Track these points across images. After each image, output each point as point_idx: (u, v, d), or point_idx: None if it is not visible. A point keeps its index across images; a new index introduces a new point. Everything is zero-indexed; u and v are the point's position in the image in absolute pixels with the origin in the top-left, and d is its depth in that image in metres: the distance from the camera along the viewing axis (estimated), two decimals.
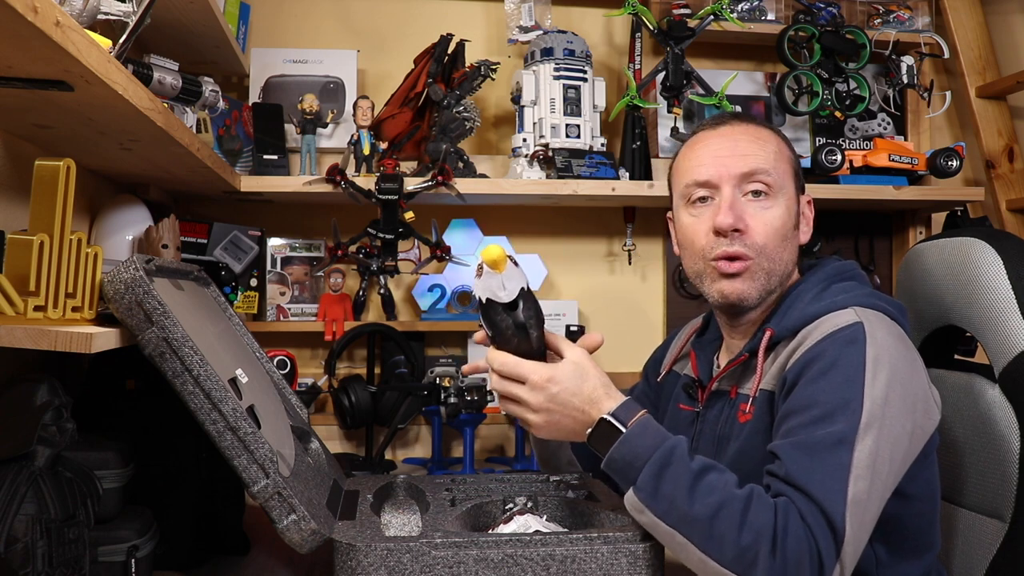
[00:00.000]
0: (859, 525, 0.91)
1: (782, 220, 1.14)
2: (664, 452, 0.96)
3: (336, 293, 1.98)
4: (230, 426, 0.97)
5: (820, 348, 1.02)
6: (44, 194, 0.93)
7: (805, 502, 0.91)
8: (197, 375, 0.96)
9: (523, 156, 1.96)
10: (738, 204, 1.13)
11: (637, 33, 2.05)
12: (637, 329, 2.20)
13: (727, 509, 0.91)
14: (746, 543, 0.89)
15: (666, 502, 0.94)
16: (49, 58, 0.84)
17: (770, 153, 1.16)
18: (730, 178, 1.14)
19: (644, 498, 0.95)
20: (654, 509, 0.94)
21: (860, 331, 1.01)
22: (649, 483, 0.95)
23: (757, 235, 1.13)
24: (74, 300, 0.96)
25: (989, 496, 1.18)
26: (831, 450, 0.93)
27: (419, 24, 2.12)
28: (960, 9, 2.22)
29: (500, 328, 1.05)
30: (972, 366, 1.28)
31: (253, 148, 1.92)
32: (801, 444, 0.95)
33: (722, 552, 0.89)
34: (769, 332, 1.11)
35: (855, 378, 0.98)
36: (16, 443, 0.92)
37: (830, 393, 0.97)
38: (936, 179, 2.10)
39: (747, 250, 1.13)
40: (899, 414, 0.98)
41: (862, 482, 0.92)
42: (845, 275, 1.16)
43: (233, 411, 0.97)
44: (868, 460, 0.93)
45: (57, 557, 0.91)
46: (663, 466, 0.95)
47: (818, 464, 0.93)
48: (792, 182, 1.17)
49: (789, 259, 1.16)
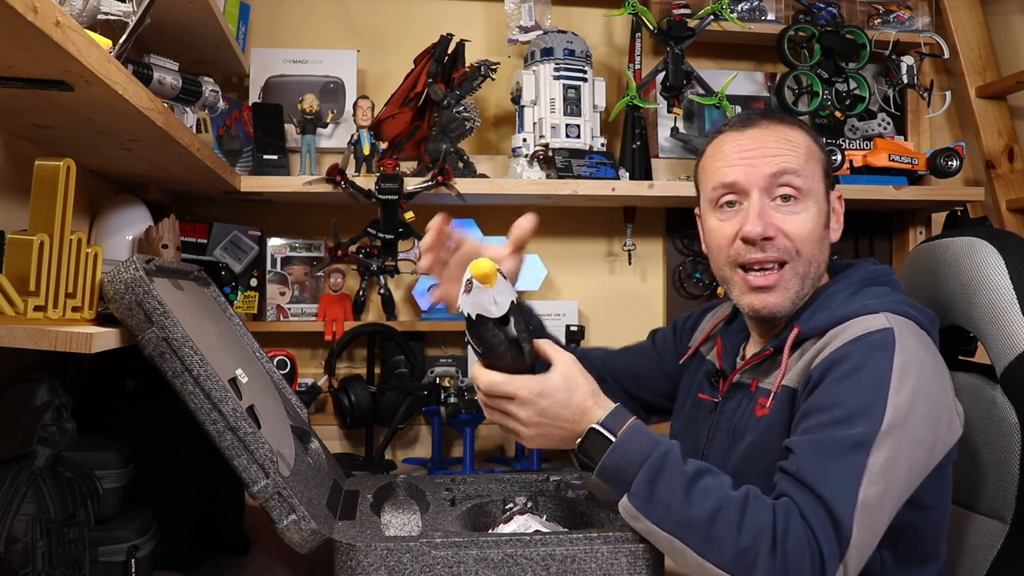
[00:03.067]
0: (867, 529, 0.91)
1: (815, 223, 1.11)
2: (657, 457, 0.96)
3: (336, 293, 1.98)
4: (230, 426, 0.97)
5: (848, 350, 1.01)
6: (44, 194, 0.93)
7: (812, 502, 0.90)
8: (197, 375, 0.96)
9: (523, 156, 1.96)
10: (767, 211, 1.10)
11: (637, 33, 2.05)
12: (637, 329, 2.18)
13: (724, 511, 0.90)
14: (745, 544, 0.88)
15: (662, 507, 0.93)
16: (49, 58, 0.84)
17: (800, 154, 1.12)
18: (758, 180, 1.11)
19: (639, 504, 0.95)
20: (650, 515, 0.94)
21: (890, 337, 1.00)
22: (643, 489, 0.94)
23: (789, 241, 1.10)
24: (74, 300, 0.96)
25: (990, 497, 1.18)
26: (847, 452, 0.93)
27: (419, 24, 2.12)
28: (960, 9, 2.22)
29: (492, 344, 1.02)
30: (973, 366, 1.28)
31: (253, 148, 1.92)
32: (817, 443, 0.95)
33: (721, 555, 0.89)
34: (797, 329, 1.10)
35: (880, 384, 0.96)
36: (16, 443, 0.92)
37: (853, 395, 0.97)
38: (936, 179, 2.10)
39: (780, 254, 1.10)
40: (921, 424, 0.97)
41: (874, 487, 0.91)
42: (880, 280, 1.14)
43: (233, 411, 0.97)
44: (883, 466, 0.92)
45: (57, 557, 0.91)
46: (657, 471, 0.95)
47: (831, 465, 0.92)
48: (823, 181, 1.15)
49: (823, 260, 1.14)
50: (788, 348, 1.10)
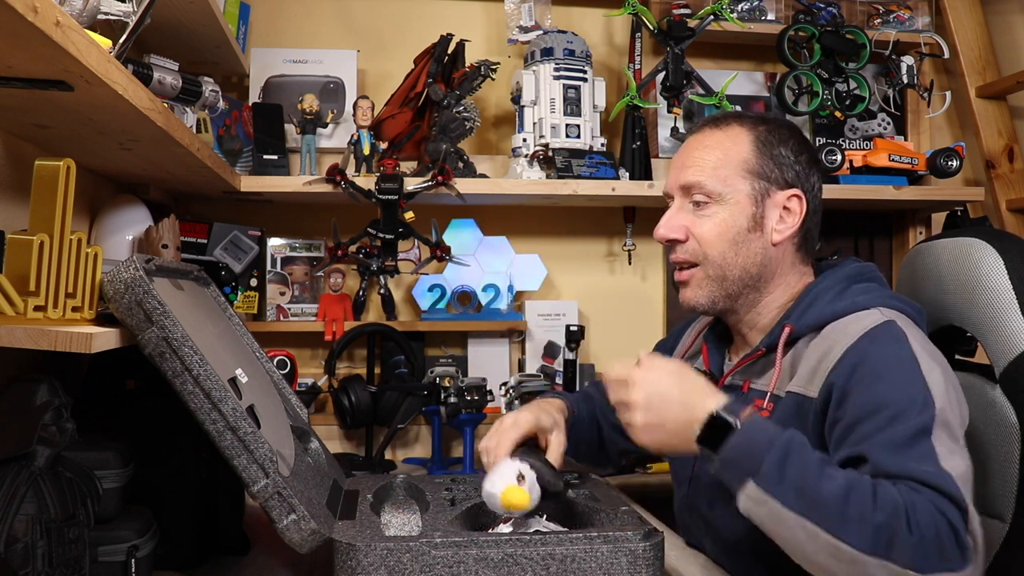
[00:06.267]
0: (970, 496, 0.91)
1: (725, 226, 1.16)
2: (785, 440, 0.94)
3: (336, 293, 1.98)
4: (230, 426, 0.97)
5: (862, 350, 1.02)
6: (44, 194, 0.93)
7: (914, 485, 0.90)
8: (197, 375, 0.96)
9: (523, 156, 1.96)
10: (680, 215, 1.20)
11: (637, 33, 2.05)
12: (637, 329, 2.20)
13: (856, 491, 0.88)
14: (881, 521, 0.86)
15: (792, 489, 0.90)
16: (49, 58, 0.84)
17: (709, 162, 1.17)
18: (676, 189, 1.21)
19: (768, 487, 0.91)
20: (781, 497, 0.90)
21: (897, 328, 1.04)
22: (774, 472, 0.91)
23: (696, 243, 1.18)
24: (74, 300, 0.96)
25: (990, 496, 1.18)
26: (913, 442, 0.94)
27: (419, 24, 2.12)
28: (960, 9, 2.22)
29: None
30: (972, 366, 1.28)
31: (253, 148, 1.92)
32: (885, 443, 0.94)
33: (859, 534, 0.86)
34: (788, 328, 1.11)
35: (914, 374, 0.99)
36: (16, 443, 0.92)
37: (896, 391, 0.98)
38: (936, 179, 2.10)
39: (688, 256, 1.19)
40: (956, 402, 1.01)
41: (956, 458, 0.93)
42: (865, 277, 1.17)
43: (233, 411, 0.97)
44: (950, 443, 0.95)
45: (57, 557, 0.91)
46: (785, 454, 0.92)
47: (908, 455, 0.93)
48: (744, 184, 1.16)
49: (749, 262, 1.17)
50: (781, 347, 1.11)
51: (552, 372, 2.01)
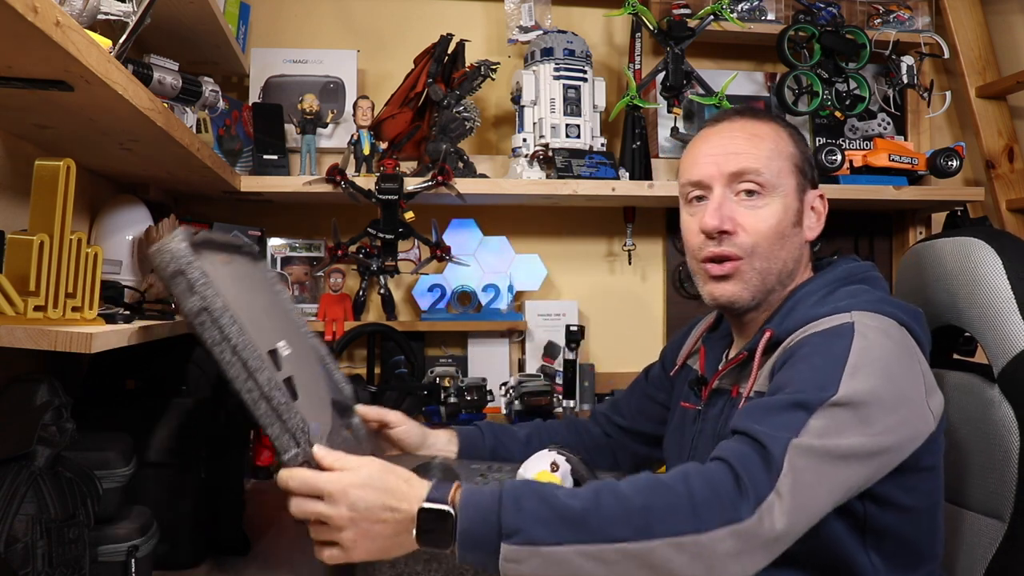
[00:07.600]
0: (802, 469, 0.87)
1: (776, 218, 1.11)
2: (508, 490, 0.87)
3: (336, 293, 1.98)
4: (264, 395, 0.97)
5: (804, 342, 1.01)
6: (44, 194, 0.93)
7: (741, 440, 0.88)
8: (235, 344, 0.96)
9: (523, 156, 1.96)
10: (727, 205, 1.12)
11: (637, 33, 2.05)
12: (637, 329, 2.20)
13: (604, 490, 0.86)
14: (640, 504, 0.84)
15: (543, 524, 0.84)
16: (49, 58, 0.84)
17: (764, 150, 1.13)
18: (720, 177, 1.12)
19: (522, 538, 0.84)
20: (540, 538, 0.84)
21: (849, 328, 0.99)
22: (516, 521, 0.84)
23: (747, 235, 1.11)
24: (74, 300, 0.96)
25: (988, 496, 1.18)
26: (785, 409, 0.91)
27: (419, 24, 2.12)
28: (960, 9, 2.22)
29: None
30: (971, 366, 1.28)
31: (253, 148, 1.92)
32: (759, 405, 0.94)
33: (625, 526, 0.83)
34: (768, 333, 1.08)
35: (834, 365, 0.94)
36: (16, 443, 0.92)
37: (805, 374, 0.96)
38: (936, 179, 2.10)
39: (736, 250, 1.11)
40: (879, 416, 0.94)
41: (812, 439, 0.88)
42: (855, 278, 1.13)
43: (268, 380, 0.97)
44: (823, 430, 0.89)
45: (57, 557, 0.92)
46: (515, 499, 0.86)
47: (770, 417, 0.91)
48: (792, 178, 1.14)
49: (788, 257, 1.14)
50: (759, 353, 1.08)
51: (552, 372, 2.01)
